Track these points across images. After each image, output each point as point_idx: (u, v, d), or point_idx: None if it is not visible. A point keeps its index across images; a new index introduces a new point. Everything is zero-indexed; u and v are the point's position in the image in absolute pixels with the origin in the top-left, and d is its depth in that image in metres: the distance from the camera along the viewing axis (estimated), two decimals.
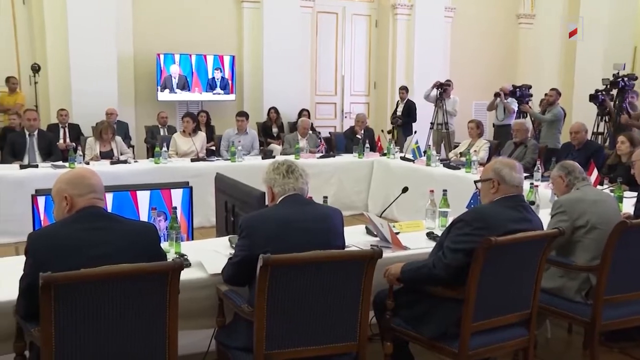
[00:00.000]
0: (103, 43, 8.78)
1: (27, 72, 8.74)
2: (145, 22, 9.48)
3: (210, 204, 4.85)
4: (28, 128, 6.91)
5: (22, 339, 2.39)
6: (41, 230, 2.42)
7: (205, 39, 9.86)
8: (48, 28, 8.77)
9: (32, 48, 8.99)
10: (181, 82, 9.72)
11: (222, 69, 9.95)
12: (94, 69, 8.68)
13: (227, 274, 2.69)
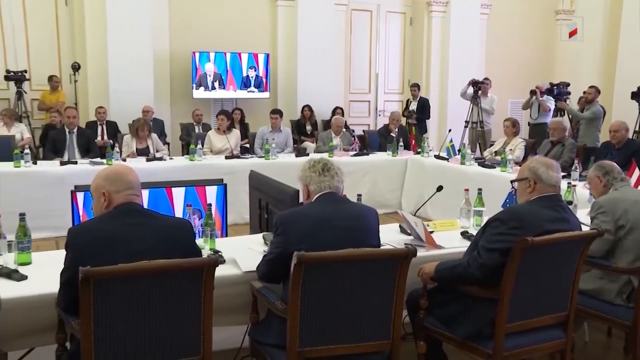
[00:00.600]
0: (140, 42, 8.92)
1: (68, 71, 8.94)
2: (181, 20, 9.59)
3: (244, 201, 4.88)
4: (68, 125, 7.07)
5: (64, 330, 2.45)
6: (80, 225, 2.47)
7: (240, 37, 9.94)
8: (88, 28, 8.96)
9: (73, 47, 9.20)
10: (216, 80, 9.80)
11: (257, 67, 10.01)
12: (131, 68, 8.83)
13: (262, 271, 2.71)
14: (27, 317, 2.49)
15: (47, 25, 9.08)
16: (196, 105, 9.48)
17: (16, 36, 8.91)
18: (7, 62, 8.78)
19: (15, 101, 8.40)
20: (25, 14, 8.93)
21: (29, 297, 2.50)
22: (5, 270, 2.68)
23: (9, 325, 2.37)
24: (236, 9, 9.94)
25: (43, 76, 8.85)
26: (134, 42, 8.84)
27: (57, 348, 2.49)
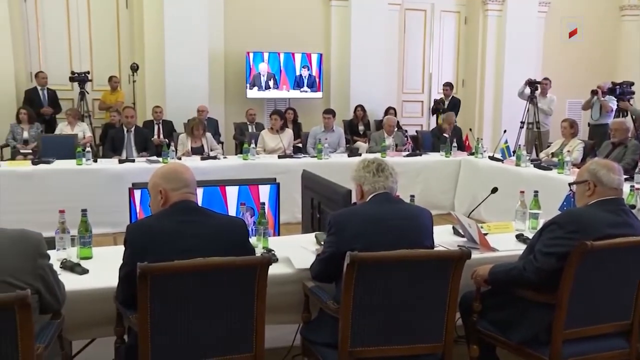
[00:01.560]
0: (196, 42, 9.09)
1: (127, 72, 9.19)
2: (235, 21, 9.72)
3: (296, 201, 4.90)
4: (126, 124, 7.27)
5: (122, 323, 2.52)
6: (138, 222, 2.54)
7: (294, 37, 9.99)
8: (146, 30, 9.20)
9: (132, 49, 9.47)
10: (270, 79, 9.90)
11: (310, 66, 10.05)
12: (187, 68, 9.01)
13: (315, 270, 2.72)
14: (89, 310, 2.58)
15: (109, 28, 9.40)
16: (250, 104, 9.58)
17: (81, 39, 9.28)
18: (72, 63, 9.14)
19: (79, 101, 8.71)
20: (90, 18, 9.28)
21: (90, 290, 2.59)
22: (68, 263, 2.78)
23: (72, 316, 2.45)
24: (290, 9, 10.01)
25: (104, 77, 9.15)
26: (190, 42, 9.03)
27: (116, 340, 2.57)
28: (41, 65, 9.08)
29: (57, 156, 6.47)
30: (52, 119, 8.66)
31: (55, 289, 2.25)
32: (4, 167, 6.07)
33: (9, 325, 1.86)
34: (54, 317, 2.32)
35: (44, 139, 7.42)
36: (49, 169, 6.10)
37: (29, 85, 8.89)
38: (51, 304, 2.25)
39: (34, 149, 7.43)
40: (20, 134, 7.69)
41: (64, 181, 5.96)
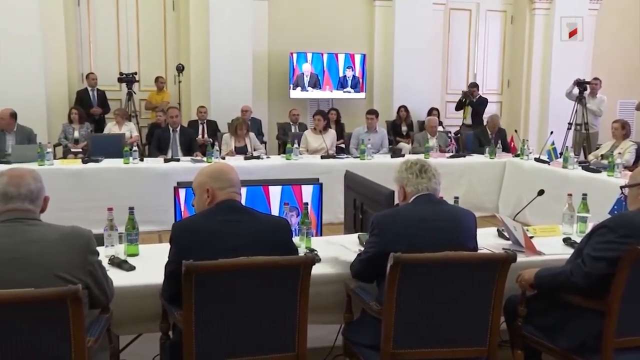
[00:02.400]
0: (240, 43, 9.21)
1: (173, 72, 9.35)
2: (280, 21, 9.78)
3: (338, 201, 4.91)
4: (171, 124, 7.40)
5: (167, 320, 2.58)
6: (184, 220, 2.58)
7: (337, 37, 10.01)
8: (192, 31, 9.38)
9: (178, 50, 9.65)
10: (313, 80, 9.93)
11: (353, 67, 10.04)
12: (231, 68, 9.13)
13: (356, 269, 2.72)
14: (135, 305, 2.63)
15: (156, 30, 9.61)
16: (293, 105, 9.63)
17: (129, 41, 9.51)
18: (121, 65, 9.37)
19: (126, 101, 8.91)
20: (138, 21, 9.51)
21: (136, 287, 2.64)
22: (116, 260, 2.85)
23: (119, 312, 2.50)
24: (333, 9, 10.03)
25: (150, 77, 9.35)
26: (234, 43, 9.15)
27: (161, 336, 2.63)
28: (92, 66, 9.35)
29: (106, 155, 6.63)
30: (101, 118, 8.89)
31: (104, 284, 2.31)
32: (57, 165, 6.25)
33: (62, 317, 1.92)
34: (103, 312, 2.38)
35: (93, 138, 7.61)
36: (98, 168, 6.26)
37: (80, 86, 9.15)
38: (100, 299, 2.31)
39: (84, 148, 7.63)
40: (72, 134, 7.91)
41: (111, 179, 6.11)
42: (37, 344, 1.94)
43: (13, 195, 2.16)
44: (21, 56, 8.34)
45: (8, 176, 2.20)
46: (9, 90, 8.10)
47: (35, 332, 1.93)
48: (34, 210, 2.22)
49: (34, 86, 8.49)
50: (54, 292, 1.93)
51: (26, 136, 6.94)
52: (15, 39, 8.29)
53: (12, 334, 1.91)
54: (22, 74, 8.33)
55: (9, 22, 8.25)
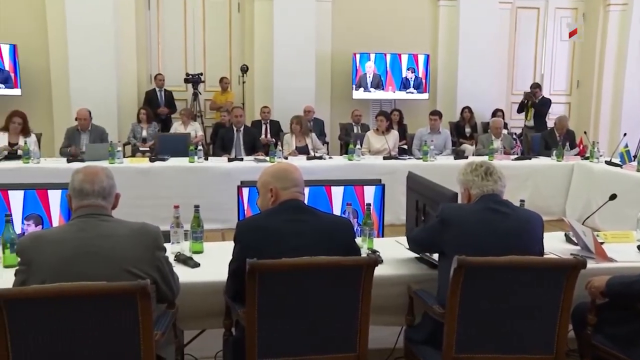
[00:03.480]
0: (304, 44, 9.27)
1: (237, 73, 9.51)
2: (343, 22, 9.80)
3: (400, 202, 4.86)
4: (235, 124, 7.53)
5: (230, 317, 2.62)
6: (248, 219, 2.62)
7: (401, 38, 9.95)
8: (256, 32, 9.53)
9: (242, 51, 9.81)
10: (375, 80, 9.90)
11: (416, 68, 9.96)
12: (295, 69, 9.21)
13: (415, 236, 2.81)
14: (199, 301, 2.68)
15: (221, 31, 9.81)
16: (355, 105, 9.63)
17: (196, 42, 9.75)
18: (187, 66, 9.61)
19: (192, 101, 9.13)
20: (204, 23, 9.73)
21: (201, 283, 2.69)
22: (182, 257, 2.92)
23: (184, 307, 2.56)
24: (397, 10, 9.97)
25: (215, 78, 9.53)
26: (298, 44, 9.22)
27: (224, 332, 2.67)
28: (160, 67, 9.63)
29: (172, 154, 6.81)
30: (168, 118, 9.13)
31: (171, 280, 2.37)
32: (126, 163, 6.47)
33: (131, 311, 1.98)
34: (169, 307, 2.44)
35: (160, 138, 7.84)
36: (164, 166, 6.43)
37: (149, 87, 9.44)
38: (166, 295, 2.37)
39: (151, 147, 7.86)
40: (140, 133, 8.17)
41: (177, 178, 6.27)
42: (108, 335, 2.01)
43: (88, 192, 2.25)
44: (96, 59, 8.70)
45: (83, 173, 2.29)
46: (84, 91, 8.50)
47: (107, 324, 2.00)
48: (107, 206, 2.30)
49: (107, 87, 8.84)
50: (124, 286, 1.99)
51: (99, 135, 7.21)
52: (90, 42, 8.65)
53: (85, 324, 1.99)
54: (96, 76, 8.70)
55: (85, 27, 8.62)
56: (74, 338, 1.99)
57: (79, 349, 2.00)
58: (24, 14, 8.99)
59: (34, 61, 8.99)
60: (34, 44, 8.95)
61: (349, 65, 9.80)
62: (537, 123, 9.33)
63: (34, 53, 8.97)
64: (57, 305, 1.97)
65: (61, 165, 6.22)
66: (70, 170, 2.38)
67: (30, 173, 5.97)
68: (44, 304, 1.96)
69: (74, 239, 2.17)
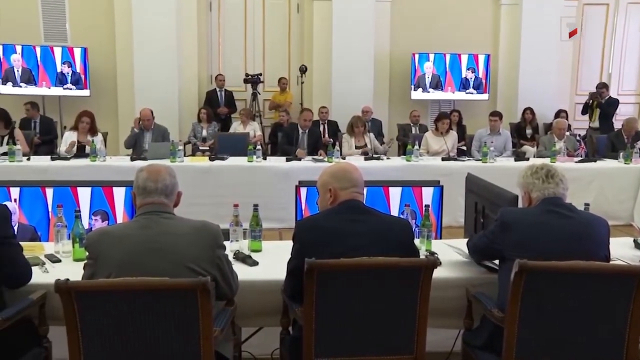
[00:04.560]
0: (362, 44, 9.27)
1: (296, 73, 9.61)
2: (402, 22, 9.76)
3: (459, 204, 4.80)
4: (302, 127, 7.58)
5: (288, 315, 2.64)
6: (307, 219, 2.63)
7: (460, 38, 9.83)
8: (315, 33, 9.59)
9: (301, 51, 9.90)
10: (434, 81, 9.79)
11: (476, 68, 9.80)
12: (353, 69, 9.22)
13: (475, 244, 2.73)
14: (257, 299, 2.71)
15: (280, 32, 9.92)
16: (414, 106, 9.56)
17: (255, 43, 9.90)
18: (247, 66, 9.76)
19: (251, 101, 9.27)
20: (264, 24, 9.86)
21: (259, 282, 2.73)
22: (241, 255, 2.96)
23: (242, 305, 2.60)
24: (457, 9, 9.86)
25: (274, 78, 9.65)
26: (356, 45, 9.23)
27: (281, 331, 2.69)
28: (220, 68, 9.80)
29: (231, 153, 6.92)
30: (227, 118, 9.29)
31: (230, 278, 2.41)
32: (186, 162, 6.61)
33: (192, 307, 2.02)
34: (228, 305, 2.48)
35: (219, 137, 7.98)
36: (224, 165, 6.54)
37: (209, 87, 9.63)
38: (226, 292, 2.41)
39: (211, 146, 8.02)
40: (200, 132, 8.35)
41: (236, 177, 6.35)
42: (169, 330, 2.06)
43: (151, 190, 2.31)
44: (159, 60, 8.98)
45: (147, 172, 2.36)
46: (148, 91, 8.78)
47: (168, 318, 2.05)
48: (169, 204, 2.36)
49: (169, 87, 9.09)
50: (185, 282, 2.04)
51: (161, 134, 7.41)
52: (154, 44, 8.94)
53: (147, 318, 2.04)
54: (159, 77, 8.96)
55: (149, 30, 8.91)
56: (137, 331, 2.05)
57: (142, 341, 2.06)
58: (94, 19, 9.37)
59: (102, 63, 9.34)
60: (102, 47, 9.31)
61: (407, 66, 9.73)
62: (603, 124, 9.03)
63: (103, 55, 9.32)
64: (122, 299, 2.03)
65: (125, 163, 6.43)
66: (134, 168, 2.46)
67: (96, 170, 6.20)
68: (110, 296, 2.04)
69: (138, 235, 2.23)
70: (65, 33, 9.44)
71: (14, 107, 8.03)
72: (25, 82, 9.07)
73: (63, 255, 2.96)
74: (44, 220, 3.54)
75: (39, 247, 3.08)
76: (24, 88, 9.06)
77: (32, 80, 9.08)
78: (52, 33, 9.39)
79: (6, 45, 8.94)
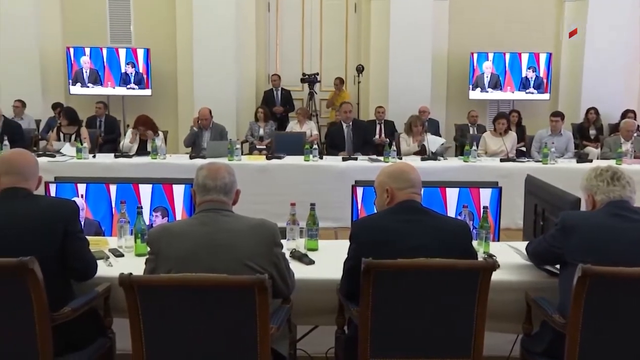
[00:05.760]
0: (420, 44, 9.19)
1: (352, 73, 9.61)
2: (460, 21, 9.63)
3: (517, 206, 4.71)
4: (344, 120, 7.64)
5: (343, 314, 2.64)
6: (364, 218, 2.64)
7: (520, 36, 9.62)
8: (373, 32, 9.57)
9: (358, 51, 9.90)
10: (493, 80, 9.62)
11: (537, 67, 9.56)
12: (410, 69, 9.15)
13: (535, 249, 2.68)
14: (313, 298, 2.73)
15: (338, 32, 9.95)
16: (472, 106, 9.41)
17: (313, 43, 9.96)
18: (304, 66, 9.83)
19: (307, 101, 9.32)
20: (322, 23, 9.91)
21: (315, 280, 2.74)
22: (297, 253, 2.99)
23: (298, 303, 2.61)
24: (517, 8, 9.66)
25: (331, 78, 9.65)
26: (414, 44, 9.15)
27: (337, 330, 2.69)
28: (277, 67, 9.90)
29: (288, 152, 6.97)
30: (284, 117, 9.37)
31: (287, 276, 2.43)
32: (244, 160, 6.70)
33: (250, 304, 2.05)
34: (284, 302, 2.50)
35: (276, 136, 8.06)
36: (280, 164, 6.60)
37: (267, 87, 9.74)
38: (282, 290, 2.44)
39: (268, 145, 8.10)
40: (257, 131, 8.45)
41: (292, 176, 6.40)
42: (227, 326, 2.10)
43: (210, 188, 2.36)
44: (218, 60, 9.16)
45: (207, 170, 2.40)
46: (207, 91, 8.94)
47: (226, 315, 2.09)
48: (227, 202, 2.39)
49: (227, 87, 9.25)
50: (243, 279, 2.07)
51: (219, 133, 7.54)
52: (213, 44, 9.12)
53: (205, 314, 2.09)
54: (217, 77, 9.13)
55: (208, 31, 9.09)
56: (195, 326, 2.10)
57: (200, 337, 2.11)
58: (157, 20, 9.65)
59: (163, 64, 9.61)
60: (164, 48, 9.57)
61: (466, 65, 9.59)
62: None
63: (164, 56, 9.59)
64: (182, 294, 2.09)
65: (185, 161, 6.57)
66: (193, 166, 2.52)
67: (157, 168, 6.34)
68: (170, 291, 2.09)
69: (197, 232, 2.28)
70: (129, 35, 9.78)
71: (81, 107, 8.36)
72: (92, 82, 9.48)
73: (125, 250, 3.05)
74: (108, 215, 3.65)
75: (103, 242, 3.19)
76: (91, 88, 9.47)
77: (98, 81, 9.48)
78: (118, 35, 9.75)
79: (77, 48, 9.39)
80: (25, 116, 8.86)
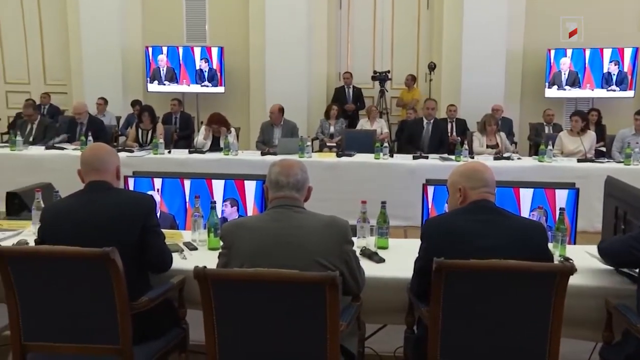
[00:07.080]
0: (494, 41, 8.99)
1: (424, 70, 9.51)
2: (537, 16, 9.35)
3: (595, 209, 4.56)
4: (426, 116, 7.57)
5: (413, 314, 2.62)
6: (436, 218, 2.60)
7: (602, 30, 9.21)
8: (445, 29, 9.42)
9: (430, 48, 9.78)
10: (571, 78, 9.28)
11: (620, 61, 9.14)
12: (484, 66, 8.95)
13: (613, 249, 2.58)
14: (382, 297, 2.71)
15: (409, 29, 9.87)
16: (548, 104, 9.12)
17: (384, 40, 9.93)
18: (375, 63, 9.80)
19: (378, 99, 9.29)
20: (393, 20, 9.86)
21: (385, 279, 2.73)
22: (367, 251, 2.98)
23: (367, 301, 2.60)
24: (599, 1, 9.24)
25: (402, 76, 9.60)
26: (488, 41, 8.96)
27: (406, 330, 2.68)
28: (348, 65, 9.92)
29: (358, 150, 6.98)
30: (355, 115, 9.37)
31: (357, 274, 2.43)
32: (314, 157, 6.75)
33: (320, 301, 2.06)
34: (354, 300, 2.50)
35: (347, 134, 8.07)
36: (351, 162, 6.62)
37: (338, 84, 9.77)
38: (352, 287, 2.44)
39: (338, 143, 8.12)
40: (328, 129, 8.49)
41: (362, 174, 6.40)
42: (297, 321, 2.12)
43: (283, 184, 2.38)
44: (289, 58, 9.28)
45: (280, 166, 2.43)
46: (279, 87, 9.07)
47: (296, 310, 2.11)
48: (299, 198, 2.41)
49: (299, 84, 9.35)
50: (314, 276, 2.08)
51: (290, 130, 7.62)
52: (285, 42, 9.24)
53: (277, 309, 2.11)
54: (289, 74, 9.26)
55: (281, 28, 9.23)
56: (266, 320, 2.13)
57: (272, 330, 2.14)
58: (231, 19, 9.87)
59: (236, 61, 9.83)
60: (237, 46, 9.79)
61: (542, 62, 9.32)
62: None
63: (237, 54, 9.81)
64: (254, 288, 2.12)
65: (256, 157, 6.67)
66: (264, 162, 2.55)
67: (229, 164, 6.49)
68: (242, 285, 2.13)
69: (270, 228, 2.31)
70: (204, 34, 10.05)
71: (158, 104, 8.66)
72: (168, 80, 9.82)
73: (199, 244, 3.13)
74: (182, 209, 3.76)
75: (178, 235, 3.29)
76: (167, 86, 9.81)
77: (174, 79, 9.80)
78: (193, 34, 10.05)
79: (155, 47, 9.75)
80: (107, 113, 9.26)
